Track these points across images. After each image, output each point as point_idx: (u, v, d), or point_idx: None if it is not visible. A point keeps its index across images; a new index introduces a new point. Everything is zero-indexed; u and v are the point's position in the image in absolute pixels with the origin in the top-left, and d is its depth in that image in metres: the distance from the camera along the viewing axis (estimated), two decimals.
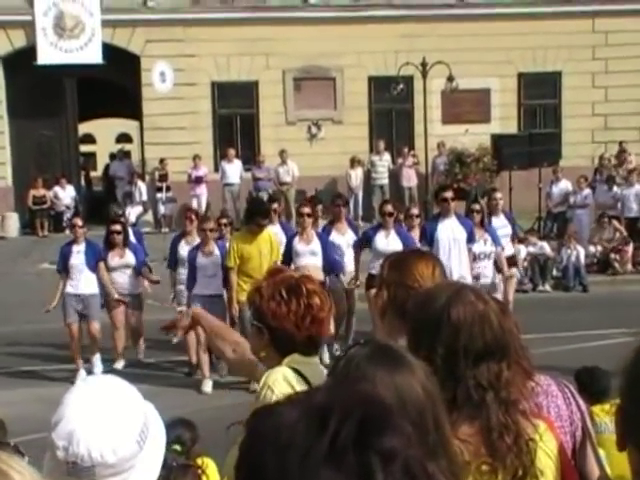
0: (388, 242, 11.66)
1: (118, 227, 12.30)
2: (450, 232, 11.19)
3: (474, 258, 11.58)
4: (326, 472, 1.22)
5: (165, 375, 11.89)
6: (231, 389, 10.69)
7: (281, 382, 3.31)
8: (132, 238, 12.82)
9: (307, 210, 11.82)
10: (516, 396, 2.54)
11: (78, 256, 11.79)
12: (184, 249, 11.89)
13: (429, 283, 3.19)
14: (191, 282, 11.35)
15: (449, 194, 11.43)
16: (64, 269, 11.86)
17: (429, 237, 11.25)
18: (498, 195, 13.28)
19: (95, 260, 11.83)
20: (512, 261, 12.96)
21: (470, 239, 11.33)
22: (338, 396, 1.35)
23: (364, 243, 12.04)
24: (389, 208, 12.31)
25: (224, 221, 12.96)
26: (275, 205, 12.95)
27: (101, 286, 11.95)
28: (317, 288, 3.51)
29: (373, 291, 7.56)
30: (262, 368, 3.51)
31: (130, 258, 12.15)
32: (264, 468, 1.27)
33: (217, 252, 11.40)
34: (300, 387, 3.15)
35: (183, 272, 11.74)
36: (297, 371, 3.37)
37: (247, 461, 1.31)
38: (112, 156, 33.73)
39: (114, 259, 12.07)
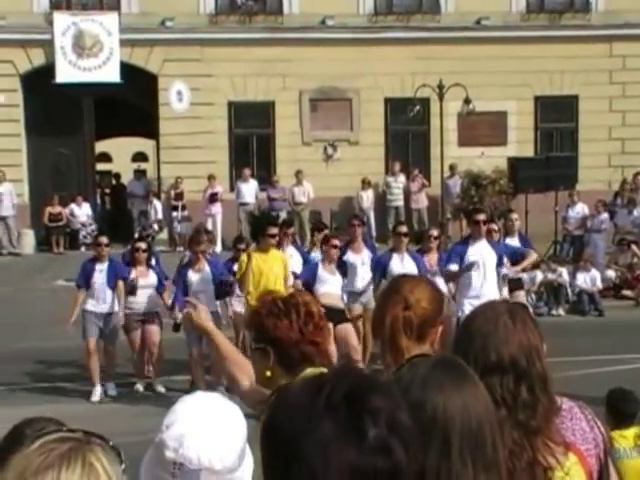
0: (404, 265, 11.44)
1: (144, 245, 12.38)
2: (481, 255, 10.67)
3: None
4: (325, 425, 1.49)
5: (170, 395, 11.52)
6: None
7: None
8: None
9: (336, 242, 11.58)
10: (539, 424, 2.49)
11: (100, 275, 11.72)
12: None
13: (417, 295, 3.27)
14: (181, 301, 11.08)
15: (482, 217, 10.92)
16: (85, 284, 11.75)
17: (459, 259, 10.70)
18: (514, 216, 13.16)
19: (116, 279, 11.77)
20: (518, 284, 12.62)
21: (500, 263, 10.92)
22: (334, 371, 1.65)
23: (381, 273, 11.56)
24: (404, 229, 12.12)
25: (242, 246, 12.67)
26: (292, 229, 12.73)
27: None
28: (311, 298, 3.56)
29: None
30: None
31: (152, 279, 12.12)
32: (278, 426, 1.56)
33: (207, 268, 11.48)
34: None
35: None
36: None
37: (266, 426, 1.60)
38: (117, 176, 33.83)
39: (137, 279, 12.02)
